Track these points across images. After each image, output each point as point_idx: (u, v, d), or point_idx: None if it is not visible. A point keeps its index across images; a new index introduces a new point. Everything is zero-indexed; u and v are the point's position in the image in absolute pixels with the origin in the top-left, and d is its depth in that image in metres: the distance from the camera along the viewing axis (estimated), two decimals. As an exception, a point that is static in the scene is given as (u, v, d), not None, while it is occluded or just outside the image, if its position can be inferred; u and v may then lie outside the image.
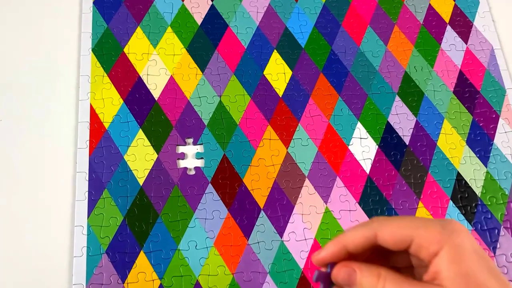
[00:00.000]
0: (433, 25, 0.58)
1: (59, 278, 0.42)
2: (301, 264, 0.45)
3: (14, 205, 0.45)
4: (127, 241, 0.45)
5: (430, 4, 0.59)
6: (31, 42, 0.52)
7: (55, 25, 0.53)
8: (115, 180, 0.47)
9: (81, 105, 0.49)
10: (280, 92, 0.52)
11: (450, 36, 0.58)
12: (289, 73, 0.54)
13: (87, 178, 0.47)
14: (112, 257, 0.44)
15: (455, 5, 0.60)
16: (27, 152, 0.47)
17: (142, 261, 0.44)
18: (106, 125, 0.49)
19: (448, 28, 0.58)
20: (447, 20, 0.59)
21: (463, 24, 0.58)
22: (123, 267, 0.44)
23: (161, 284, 0.43)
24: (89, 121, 0.49)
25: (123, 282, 0.43)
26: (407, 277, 0.32)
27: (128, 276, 0.43)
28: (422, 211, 0.48)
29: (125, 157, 0.48)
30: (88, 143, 0.48)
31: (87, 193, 0.46)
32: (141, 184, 0.47)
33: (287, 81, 0.53)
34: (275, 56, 0.54)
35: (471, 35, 0.58)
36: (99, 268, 0.43)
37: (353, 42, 0.56)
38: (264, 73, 0.53)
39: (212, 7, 0.56)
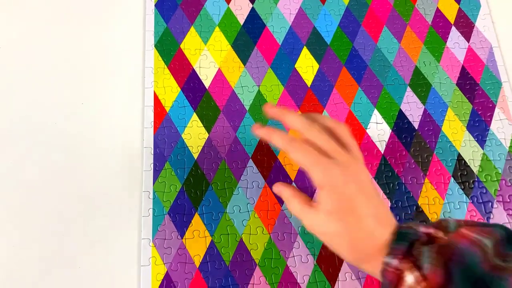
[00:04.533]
0: (440, 26, 0.55)
1: (131, 233, 0.42)
2: None
3: (92, 174, 0.44)
4: (185, 205, 0.44)
5: (437, 8, 0.56)
6: (105, 39, 0.50)
7: (124, 24, 0.51)
8: (174, 154, 0.46)
9: (147, 92, 0.48)
10: (309, 83, 0.51)
11: (454, 36, 0.54)
12: (316, 66, 0.52)
13: (152, 152, 0.46)
14: (173, 217, 0.43)
15: (459, 8, 0.56)
16: (102, 129, 0.46)
17: (196, 221, 0.43)
18: (167, 109, 0.48)
19: (453, 28, 0.55)
20: (452, 21, 0.55)
21: (466, 25, 0.55)
22: (182, 225, 0.43)
23: (212, 240, 0.43)
24: (153, 105, 0.48)
25: (182, 238, 0.43)
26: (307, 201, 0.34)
27: (186, 233, 0.43)
28: (428, 186, 0.46)
29: (183, 136, 0.47)
30: (152, 123, 0.47)
31: (152, 164, 0.45)
32: (195, 158, 0.46)
33: (314, 73, 0.51)
34: (305, 52, 0.52)
35: (472, 34, 0.55)
36: (162, 226, 0.43)
37: (371, 39, 0.53)
38: (295, 66, 0.51)
39: (253, 10, 0.54)
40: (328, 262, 0.43)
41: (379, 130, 0.49)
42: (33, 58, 0.49)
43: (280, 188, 0.35)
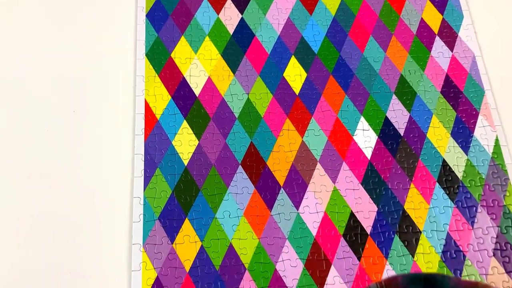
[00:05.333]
0: (424, 36, 0.57)
1: (121, 238, 0.43)
2: (314, 232, 0.45)
3: (83, 181, 0.45)
4: (175, 210, 0.45)
5: (422, 18, 0.58)
6: (97, 47, 0.51)
7: (115, 33, 0.52)
8: (165, 161, 0.47)
9: (138, 100, 0.49)
10: (297, 91, 0.52)
11: (439, 45, 0.56)
12: (304, 75, 0.53)
13: (143, 159, 0.47)
14: (163, 223, 0.44)
15: (443, 19, 0.58)
16: (93, 137, 0.47)
17: (187, 226, 0.44)
18: (158, 116, 0.49)
19: (437, 38, 0.57)
20: (436, 31, 0.57)
21: (449, 35, 0.57)
22: (172, 230, 0.44)
23: (202, 245, 0.44)
24: (144, 112, 0.49)
25: (172, 243, 0.43)
26: None
27: (176, 238, 0.44)
28: (413, 191, 0.47)
29: (173, 143, 0.48)
30: (143, 130, 0.48)
31: (143, 171, 0.46)
32: (185, 164, 0.47)
33: (302, 82, 0.52)
34: (293, 61, 0.54)
35: (456, 44, 0.56)
36: (153, 231, 0.44)
37: (357, 49, 0.55)
38: (284, 75, 0.53)
39: (242, 20, 0.55)
40: (316, 266, 0.44)
41: (366, 137, 0.50)
42: (25, 66, 0.50)
43: None
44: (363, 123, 0.51)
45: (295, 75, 0.53)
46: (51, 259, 0.42)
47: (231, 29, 0.55)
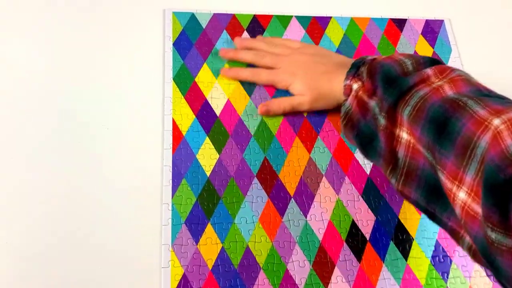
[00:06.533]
0: (417, 66, 0.64)
1: (153, 239, 0.48)
2: (320, 237, 0.51)
3: (120, 189, 0.50)
4: (199, 215, 0.50)
5: (415, 50, 0.64)
6: (130, 72, 0.57)
7: (146, 60, 0.58)
8: (190, 172, 0.52)
9: (166, 118, 0.55)
10: (305, 113, 0.57)
11: (430, 75, 0.64)
12: None
13: (170, 170, 0.52)
14: (189, 226, 0.49)
15: (434, 52, 0.65)
16: (126, 151, 0.53)
17: (209, 230, 0.49)
18: (183, 133, 0.54)
19: (428, 69, 0.64)
20: (427, 63, 0.65)
21: (439, 66, 0.65)
22: (196, 233, 0.49)
23: (222, 246, 0.49)
24: (171, 129, 0.54)
25: (196, 244, 0.48)
26: (292, 96, 0.56)
27: (200, 240, 0.49)
28: (406, 203, 0.53)
29: (197, 156, 0.53)
30: (171, 145, 0.53)
31: (170, 180, 0.51)
32: (208, 175, 0.52)
33: None
34: None
35: (445, 74, 0.64)
36: (180, 233, 0.49)
37: None
38: None
39: (257, 49, 0.62)
40: (322, 267, 0.49)
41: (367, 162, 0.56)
42: (63, 86, 0.56)
43: (265, 106, 0.56)
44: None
45: None
46: (91, 257, 0.47)
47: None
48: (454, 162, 0.34)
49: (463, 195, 0.33)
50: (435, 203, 0.39)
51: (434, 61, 0.45)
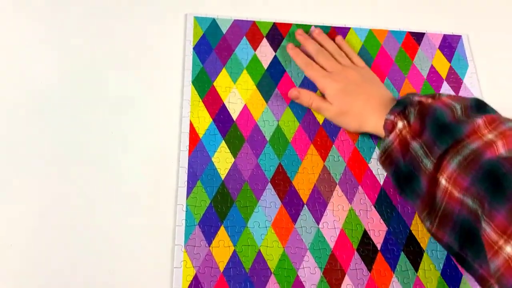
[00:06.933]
0: (433, 80, 0.63)
1: (166, 239, 0.49)
2: (331, 245, 0.51)
3: (135, 189, 0.51)
4: (212, 218, 0.50)
5: (432, 65, 0.65)
6: (150, 74, 0.58)
7: (166, 62, 0.59)
8: (205, 174, 0.53)
9: (184, 120, 0.55)
10: (321, 121, 0.58)
11: (446, 89, 0.63)
12: None
13: (186, 172, 0.52)
14: (202, 228, 0.50)
15: (450, 67, 0.65)
16: (144, 151, 0.53)
17: (222, 232, 0.50)
18: (200, 136, 0.55)
19: (444, 83, 0.63)
20: (444, 77, 0.64)
21: (455, 81, 0.64)
22: (209, 235, 0.49)
23: (234, 249, 0.49)
24: (188, 132, 0.55)
25: (209, 246, 0.49)
26: (323, 98, 0.56)
27: (213, 242, 0.49)
28: None
29: (213, 159, 0.54)
30: (187, 147, 0.54)
31: (186, 182, 0.52)
32: (222, 178, 0.53)
33: None
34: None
35: (461, 89, 0.63)
36: (193, 235, 0.49)
37: None
38: None
39: (275, 57, 0.62)
40: (332, 275, 0.49)
41: (379, 165, 0.56)
42: (87, 92, 0.57)
43: (298, 91, 0.58)
44: (377, 152, 0.57)
45: None
46: (103, 255, 0.48)
47: (265, 64, 0.61)
48: (505, 216, 0.36)
49: (509, 249, 0.35)
50: (469, 249, 0.41)
51: (479, 104, 0.47)
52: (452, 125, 0.43)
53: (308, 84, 0.61)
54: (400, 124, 0.48)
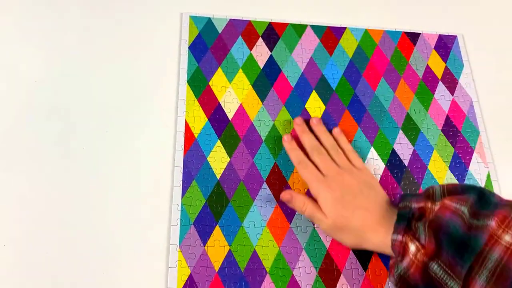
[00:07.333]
0: (429, 80, 0.64)
1: (161, 239, 0.49)
2: (327, 245, 0.51)
3: (130, 187, 0.51)
4: (208, 217, 0.50)
5: (427, 65, 0.65)
6: (146, 73, 0.58)
7: (161, 62, 0.59)
8: (200, 174, 0.52)
9: (179, 120, 0.55)
10: (316, 122, 0.58)
11: (441, 89, 0.63)
12: (323, 107, 0.59)
13: (181, 171, 0.52)
14: (197, 227, 0.49)
15: (446, 67, 0.65)
16: (139, 150, 0.53)
17: (217, 232, 0.50)
18: (196, 135, 0.55)
19: (440, 83, 0.64)
20: (439, 77, 0.64)
21: (451, 81, 0.64)
22: (204, 235, 0.49)
23: (229, 249, 0.49)
24: (184, 131, 0.55)
25: (204, 245, 0.49)
26: (317, 206, 0.49)
27: (208, 241, 0.49)
28: None
29: (208, 159, 0.53)
30: (183, 147, 0.54)
31: (181, 181, 0.52)
32: (218, 178, 0.53)
33: (321, 113, 0.59)
34: (314, 95, 0.60)
35: (456, 89, 0.63)
36: (188, 234, 0.49)
37: (370, 88, 0.62)
38: (305, 106, 0.59)
39: (271, 57, 0.62)
40: (328, 274, 0.49)
41: (375, 165, 0.56)
42: (83, 91, 0.57)
43: (290, 196, 0.51)
44: (373, 153, 0.57)
45: (315, 107, 0.59)
46: (99, 255, 0.48)
47: (261, 64, 0.61)
48: None
49: None
50: None
51: (481, 197, 0.44)
52: (468, 238, 0.41)
53: (304, 85, 0.61)
54: (412, 248, 0.43)
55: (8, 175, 0.51)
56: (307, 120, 0.57)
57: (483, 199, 0.43)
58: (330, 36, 0.65)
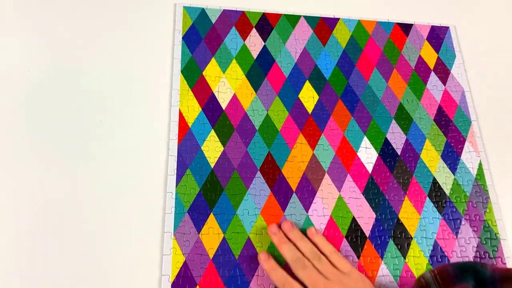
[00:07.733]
0: (421, 70, 0.64)
1: (155, 227, 0.49)
2: (320, 232, 0.51)
3: (125, 176, 0.51)
4: (202, 205, 0.51)
5: (420, 55, 0.65)
6: (139, 63, 0.58)
7: (155, 52, 0.59)
8: (194, 163, 0.53)
9: (173, 109, 0.55)
10: (310, 111, 0.58)
11: (433, 79, 0.63)
12: (316, 97, 0.59)
13: (175, 160, 0.52)
14: (192, 215, 0.50)
15: (438, 57, 0.66)
16: (134, 139, 0.53)
17: (211, 220, 0.50)
18: (190, 125, 0.55)
19: (432, 73, 0.64)
20: (431, 67, 0.65)
21: (443, 71, 0.64)
22: (199, 222, 0.50)
23: (224, 237, 0.49)
24: (178, 121, 0.55)
25: (198, 233, 0.49)
26: None
27: (202, 229, 0.49)
28: (407, 203, 0.54)
29: (202, 148, 0.54)
30: (177, 136, 0.54)
31: (175, 170, 0.52)
32: (212, 167, 0.53)
33: (315, 103, 0.59)
34: (307, 85, 0.60)
35: (448, 79, 0.64)
36: (182, 222, 0.49)
37: (363, 78, 0.62)
38: (299, 96, 0.59)
39: (264, 47, 0.62)
40: (322, 261, 0.50)
41: (368, 154, 0.57)
42: (77, 80, 0.57)
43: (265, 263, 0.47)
44: (366, 142, 0.58)
45: (308, 97, 0.60)
46: (93, 243, 0.48)
47: (255, 54, 0.61)
48: None
49: None
50: None
51: (476, 276, 0.42)
52: None
53: (297, 75, 0.61)
54: None
55: None
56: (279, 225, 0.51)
57: (481, 283, 0.41)
58: (323, 26, 0.65)
